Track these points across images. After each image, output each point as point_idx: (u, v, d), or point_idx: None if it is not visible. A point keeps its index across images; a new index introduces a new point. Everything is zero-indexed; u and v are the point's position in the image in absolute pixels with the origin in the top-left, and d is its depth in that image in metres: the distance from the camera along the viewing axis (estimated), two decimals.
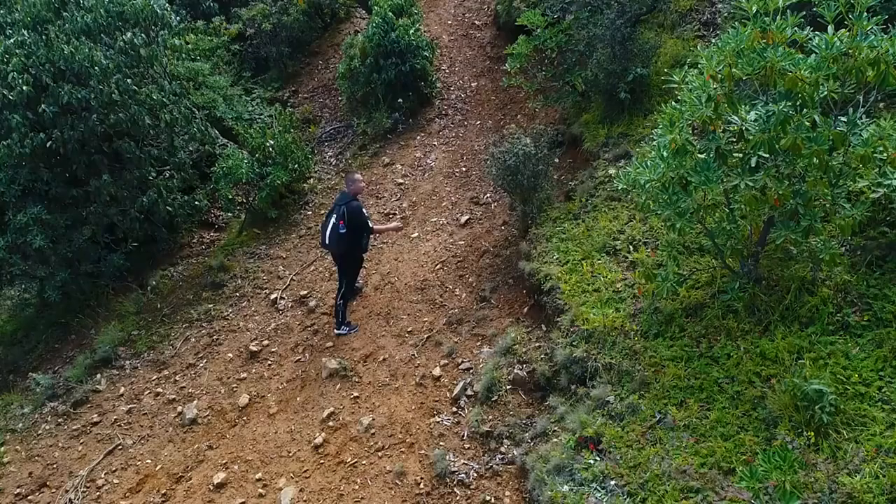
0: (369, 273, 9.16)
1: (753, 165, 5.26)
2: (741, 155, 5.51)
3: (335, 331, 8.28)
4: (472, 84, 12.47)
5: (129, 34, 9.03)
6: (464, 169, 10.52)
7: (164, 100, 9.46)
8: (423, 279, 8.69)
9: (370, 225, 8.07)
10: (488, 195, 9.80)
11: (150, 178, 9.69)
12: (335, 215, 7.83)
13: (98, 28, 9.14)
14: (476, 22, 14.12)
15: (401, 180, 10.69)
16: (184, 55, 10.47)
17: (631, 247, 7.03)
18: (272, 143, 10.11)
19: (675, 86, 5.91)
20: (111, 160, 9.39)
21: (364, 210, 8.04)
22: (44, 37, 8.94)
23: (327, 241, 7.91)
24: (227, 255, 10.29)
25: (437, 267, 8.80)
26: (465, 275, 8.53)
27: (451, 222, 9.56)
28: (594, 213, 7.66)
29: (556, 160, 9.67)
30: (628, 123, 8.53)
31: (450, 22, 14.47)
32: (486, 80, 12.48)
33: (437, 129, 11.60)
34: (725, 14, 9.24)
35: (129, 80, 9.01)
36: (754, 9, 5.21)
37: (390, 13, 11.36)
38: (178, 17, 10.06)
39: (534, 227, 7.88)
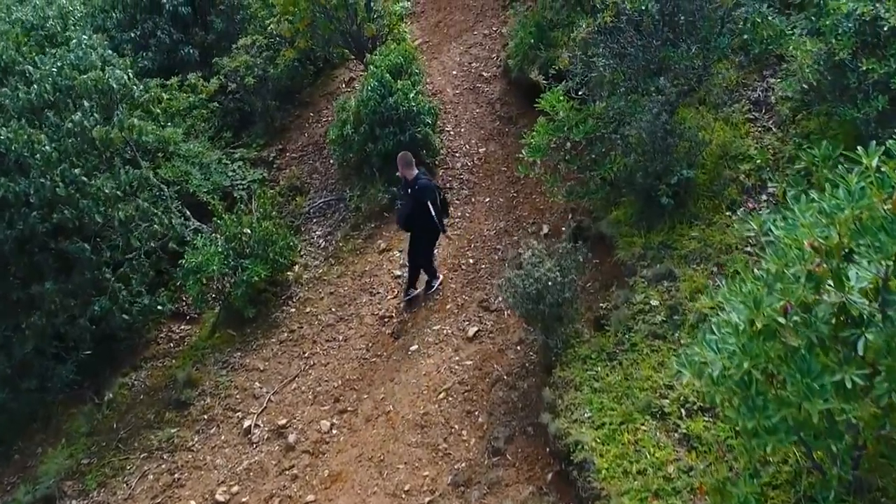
0: (360, 398, 7.85)
1: (861, 353, 3.93)
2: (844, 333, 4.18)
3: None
4: (480, 150, 11.18)
5: (77, 115, 7.73)
6: (471, 261, 9.21)
7: (119, 193, 8.16)
8: (423, 412, 7.37)
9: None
10: (500, 298, 8.45)
11: (106, 277, 8.37)
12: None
13: (43, 104, 7.83)
14: (484, 73, 12.84)
15: (398, 272, 9.37)
16: (148, 132, 9.13)
17: (683, 410, 5.71)
18: (249, 231, 8.81)
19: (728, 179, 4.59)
20: (58, 259, 8.09)
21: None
22: None
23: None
24: (195, 363, 8.98)
25: (441, 396, 7.49)
26: (474, 410, 7.21)
27: (456, 333, 8.24)
28: (633, 354, 6.34)
29: (580, 258, 8.36)
30: (669, 231, 7.22)
31: (455, 72, 13.18)
32: (496, 145, 11.18)
33: None
34: (780, 94, 7.94)
35: (76, 170, 7.71)
36: (874, 161, 3.90)
37: (387, 74, 10.08)
38: (141, 87, 8.77)
39: (559, 368, 6.56)
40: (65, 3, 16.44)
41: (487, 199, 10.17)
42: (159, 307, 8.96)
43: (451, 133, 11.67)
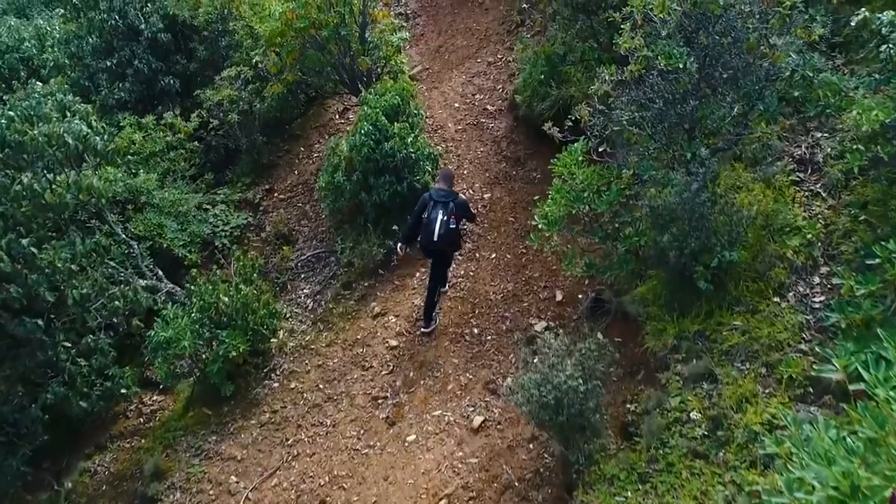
0: (349, 499, 6.90)
1: None
2: None
3: (423, 329, 8.32)
4: (485, 196, 10.25)
5: (26, 176, 6.80)
6: (476, 331, 8.28)
7: (73, 266, 7.23)
8: None
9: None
10: (509, 380, 7.52)
11: (61, 357, 7.43)
12: (441, 211, 7.86)
13: None
14: (489, 107, 11.93)
15: (394, 342, 8.44)
16: (118, 180, 8.22)
17: None
18: (227, 300, 7.88)
19: None
20: (6, 337, 7.16)
21: None
22: None
23: (436, 239, 7.81)
24: (165, 448, 8.06)
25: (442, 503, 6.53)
26: None
27: (459, 421, 7.31)
28: (670, 476, 5.40)
29: (600, 336, 7.45)
30: (706, 318, 6.28)
31: (457, 104, 12.27)
32: (502, 190, 10.27)
33: None
34: (829, 151, 7.00)
35: (24, 241, 6.78)
36: None
37: (383, 117, 9.14)
38: (105, 137, 7.83)
39: (580, 490, 5.63)
40: (42, 23, 15.67)
41: (494, 256, 9.24)
42: (123, 390, 8.02)
43: (454, 176, 10.72)
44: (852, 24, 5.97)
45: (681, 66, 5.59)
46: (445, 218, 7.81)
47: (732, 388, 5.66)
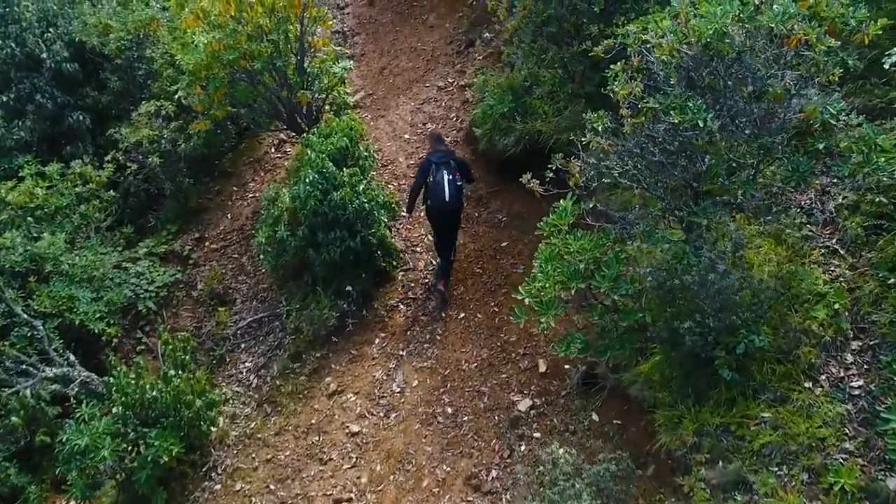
0: None
1: None
2: None
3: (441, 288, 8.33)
4: None
5: None
6: (449, 410, 7.27)
7: None
8: None
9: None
10: (494, 473, 6.56)
11: None
12: (445, 171, 7.95)
13: None
14: (443, 138, 10.89)
15: (356, 426, 7.37)
16: (16, 244, 6.89)
17: None
18: (155, 394, 6.64)
19: None
20: None
21: None
22: None
23: (448, 199, 7.90)
24: None
25: None
26: None
27: None
28: None
29: (595, 417, 6.62)
30: (729, 408, 5.43)
31: (407, 136, 11.24)
32: (465, 235, 9.30)
33: (404, 324, 8.33)
34: (842, 201, 6.28)
35: None
36: None
37: (330, 163, 8.05)
38: None
39: None
40: None
41: (462, 315, 8.25)
42: None
43: (411, 219, 9.69)
44: (885, 66, 5.27)
45: (700, 123, 4.71)
46: (451, 177, 7.96)
47: (773, 502, 4.82)
